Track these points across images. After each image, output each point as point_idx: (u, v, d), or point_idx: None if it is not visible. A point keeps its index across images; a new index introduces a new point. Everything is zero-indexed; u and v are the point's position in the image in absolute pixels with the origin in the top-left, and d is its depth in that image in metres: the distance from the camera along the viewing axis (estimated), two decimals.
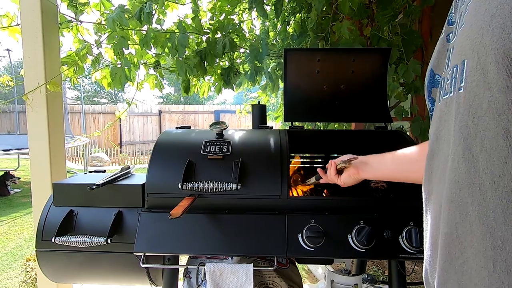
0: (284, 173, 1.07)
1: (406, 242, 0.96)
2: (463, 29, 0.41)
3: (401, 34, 1.79)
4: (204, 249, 1.01)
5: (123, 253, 1.07)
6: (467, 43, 0.39)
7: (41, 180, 1.74)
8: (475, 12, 0.38)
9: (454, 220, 0.39)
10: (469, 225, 0.37)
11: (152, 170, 1.10)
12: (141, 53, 2.27)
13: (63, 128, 1.87)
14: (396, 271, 1.15)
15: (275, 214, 1.04)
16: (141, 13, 1.88)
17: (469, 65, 0.38)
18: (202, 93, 2.68)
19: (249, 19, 2.82)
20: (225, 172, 1.07)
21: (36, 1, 1.65)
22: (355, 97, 1.44)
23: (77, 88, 15.37)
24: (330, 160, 0.99)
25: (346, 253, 0.98)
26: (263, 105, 1.58)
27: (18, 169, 6.20)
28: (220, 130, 1.19)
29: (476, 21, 0.37)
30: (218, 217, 1.04)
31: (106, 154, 9.41)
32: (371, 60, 1.41)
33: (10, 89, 2.40)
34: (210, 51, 2.09)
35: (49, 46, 1.72)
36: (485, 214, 0.34)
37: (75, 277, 1.17)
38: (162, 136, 1.24)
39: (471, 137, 0.37)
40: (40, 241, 1.08)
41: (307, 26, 2.05)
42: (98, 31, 2.12)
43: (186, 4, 2.29)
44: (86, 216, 1.11)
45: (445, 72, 0.46)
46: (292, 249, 0.98)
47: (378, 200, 1.08)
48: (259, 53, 2.13)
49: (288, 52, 1.39)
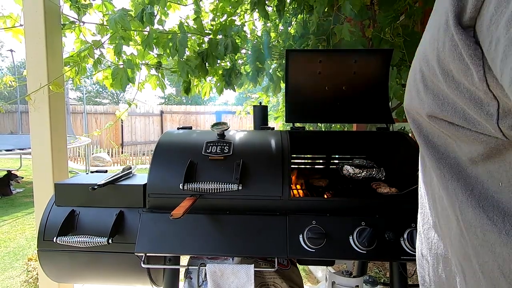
0: (285, 174, 1.07)
1: (408, 243, 0.96)
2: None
3: (403, 36, 1.79)
4: (205, 249, 1.01)
5: (124, 253, 1.07)
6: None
7: (43, 180, 1.75)
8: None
9: (421, 203, 0.49)
10: (427, 206, 0.47)
11: (154, 171, 1.10)
12: (143, 54, 2.28)
13: (65, 129, 1.88)
14: (397, 273, 1.15)
15: (276, 215, 1.04)
16: (143, 14, 1.89)
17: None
18: (204, 93, 2.68)
19: (250, 20, 2.82)
20: (226, 173, 1.07)
21: (39, 2, 1.66)
22: (357, 98, 1.44)
23: (79, 89, 15.44)
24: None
25: (347, 255, 0.98)
26: (264, 106, 1.58)
27: (20, 169, 6.22)
28: (221, 131, 1.19)
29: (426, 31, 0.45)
30: (219, 217, 1.04)
31: (108, 155, 9.43)
32: (373, 61, 1.41)
33: (13, 89, 2.42)
34: (212, 52, 2.09)
35: (52, 47, 1.73)
36: (432, 196, 0.45)
37: (77, 277, 1.17)
38: (163, 136, 1.24)
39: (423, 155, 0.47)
40: (42, 241, 1.09)
41: (309, 27, 2.05)
42: (100, 32, 2.13)
43: (188, 5, 2.30)
44: (87, 216, 1.11)
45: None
46: (293, 250, 0.98)
47: (379, 202, 1.07)
48: (261, 54, 2.13)
49: (290, 53, 1.40)
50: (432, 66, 0.35)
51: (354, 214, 1.03)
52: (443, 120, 0.36)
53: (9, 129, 11.78)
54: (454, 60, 0.30)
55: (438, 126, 0.38)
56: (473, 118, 0.32)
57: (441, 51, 0.32)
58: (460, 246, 0.37)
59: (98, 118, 11.58)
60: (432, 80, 0.36)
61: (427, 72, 0.37)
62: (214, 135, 1.21)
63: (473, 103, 0.30)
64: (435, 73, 0.34)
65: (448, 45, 0.31)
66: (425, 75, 0.37)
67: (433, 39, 0.34)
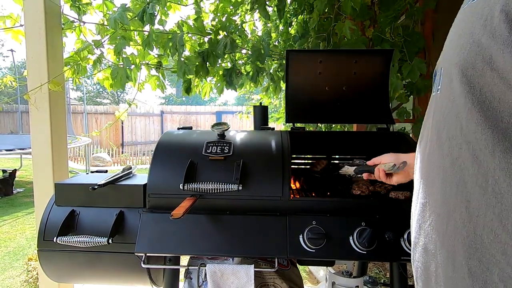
0: (286, 174, 1.07)
1: (408, 244, 0.95)
2: (447, 40, 0.49)
3: (403, 36, 1.79)
4: (205, 249, 1.01)
5: (124, 253, 1.07)
6: (445, 54, 0.49)
7: (44, 180, 1.75)
8: (453, 28, 0.47)
9: (426, 193, 0.49)
10: (435, 196, 0.47)
11: (154, 171, 1.10)
12: (143, 54, 2.28)
13: (65, 128, 1.88)
14: (397, 273, 1.14)
15: (277, 215, 1.03)
16: (144, 14, 1.89)
17: (443, 72, 0.47)
18: (204, 94, 2.68)
19: (251, 20, 2.82)
20: (226, 173, 1.07)
21: (40, 2, 1.66)
22: (357, 99, 1.44)
23: (79, 89, 15.45)
24: (377, 168, 0.98)
25: (347, 255, 0.98)
26: (264, 106, 1.58)
27: (21, 168, 6.23)
28: (221, 131, 1.19)
29: (451, 37, 0.47)
30: (219, 218, 1.04)
31: (108, 155, 9.43)
32: (373, 61, 1.41)
33: (13, 90, 2.42)
34: (212, 52, 2.09)
35: (52, 47, 1.73)
36: (444, 191, 0.44)
37: (77, 277, 1.17)
38: (163, 136, 1.24)
39: (441, 128, 0.46)
40: (42, 241, 1.09)
41: (309, 27, 2.05)
42: (101, 32, 2.13)
43: (188, 5, 2.30)
44: (87, 216, 1.11)
45: (437, 72, 0.54)
46: (293, 250, 0.98)
47: (379, 202, 1.07)
48: (261, 54, 2.13)
49: (290, 53, 1.40)
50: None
51: (354, 215, 1.03)
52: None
53: (10, 129, 11.78)
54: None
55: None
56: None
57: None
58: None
59: (98, 118, 11.58)
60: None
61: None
62: (214, 135, 1.21)
63: None
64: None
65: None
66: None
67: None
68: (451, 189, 0.43)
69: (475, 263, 0.39)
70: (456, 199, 0.42)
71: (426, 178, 0.50)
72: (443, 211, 0.44)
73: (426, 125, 0.53)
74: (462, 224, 0.41)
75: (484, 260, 0.38)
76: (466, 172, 0.41)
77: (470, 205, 0.40)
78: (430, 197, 0.48)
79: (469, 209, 0.40)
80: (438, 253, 0.45)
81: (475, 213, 0.39)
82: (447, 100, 0.45)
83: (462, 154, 0.42)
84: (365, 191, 1.15)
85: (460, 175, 0.42)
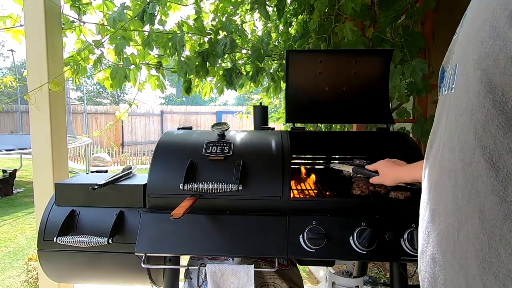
0: (286, 174, 1.07)
1: (408, 244, 0.95)
2: (460, 35, 0.47)
3: (404, 36, 1.79)
4: (205, 249, 1.01)
5: (124, 253, 1.07)
6: (459, 50, 0.45)
7: (44, 180, 1.75)
8: (468, 23, 0.44)
9: (437, 199, 0.46)
10: (445, 204, 0.44)
11: (154, 171, 1.10)
12: (143, 54, 2.28)
13: (65, 128, 1.88)
14: (397, 273, 1.14)
15: (276, 215, 1.03)
16: (144, 14, 1.89)
17: (458, 70, 0.44)
18: (204, 94, 2.68)
19: (251, 20, 2.82)
20: (226, 173, 1.07)
21: (40, 2, 1.66)
22: (357, 99, 1.44)
23: (80, 89, 15.45)
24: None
25: (347, 255, 0.98)
26: (264, 106, 1.58)
27: (21, 168, 6.22)
28: (221, 131, 1.19)
29: (467, 32, 0.44)
30: (219, 218, 1.04)
31: (108, 155, 9.43)
32: (373, 61, 1.41)
33: (13, 90, 2.42)
34: (212, 52, 2.09)
35: (52, 47, 1.73)
36: (456, 198, 0.42)
37: (77, 277, 1.17)
38: (163, 136, 1.24)
39: (453, 131, 0.43)
40: (42, 241, 1.09)
41: (309, 28, 2.05)
42: (101, 32, 2.13)
43: (188, 5, 2.30)
44: (87, 216, 1.11)
45: (448, 70, 0.51)
46: (293, 250, 0.98)
47: (379, 202, 1.07)
48: (261, 54, 2.13)
49: (290, 53, 1.40)
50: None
51: (354, 215, 1.03)
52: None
53: (10, 129, 11.78)
54: None
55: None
56: None
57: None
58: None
59: (98, 118, 11.58)
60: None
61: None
62: (214, 135, 1.20)
63: None
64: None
65: None
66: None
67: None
68: (463, 197, 0.40)
69: (490, 278, 0.36)
70: (468, 208, 0.39)
71: (436, 183, 0.47)
72: (454, 220, 0.42)
73: (438, 127, 0.50)
74: (475, 235, 0.38)
75: (501, 276, 0.35)
76: (479, 180, 0.38)
77: (484, 215, 0.37)
78: (440, 204, 0.45)
79: (483, 219, 0.37)
80: (448, 265, 0.43)
81: (489, 224, 0.37)
82: (461, 99, 0.42)
83: (475, 159, 0.39)
84: (365, 191, 1.16)
85: (472, 182, 0.39)
